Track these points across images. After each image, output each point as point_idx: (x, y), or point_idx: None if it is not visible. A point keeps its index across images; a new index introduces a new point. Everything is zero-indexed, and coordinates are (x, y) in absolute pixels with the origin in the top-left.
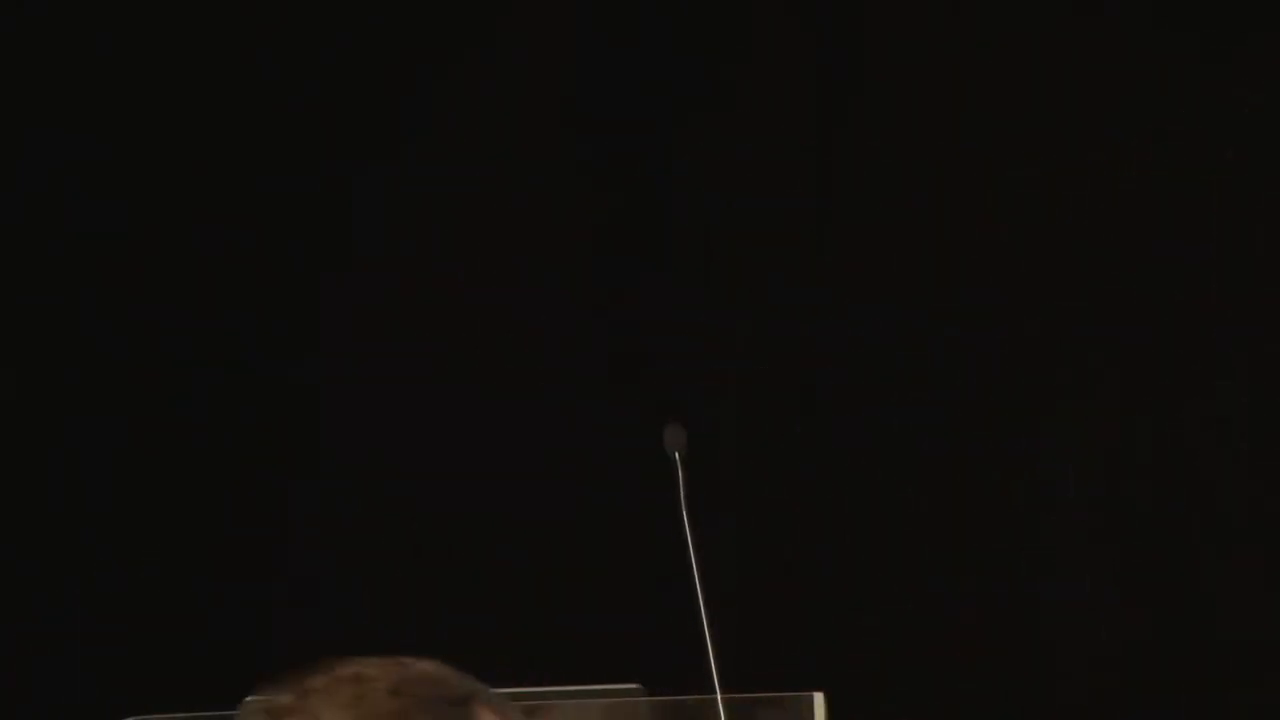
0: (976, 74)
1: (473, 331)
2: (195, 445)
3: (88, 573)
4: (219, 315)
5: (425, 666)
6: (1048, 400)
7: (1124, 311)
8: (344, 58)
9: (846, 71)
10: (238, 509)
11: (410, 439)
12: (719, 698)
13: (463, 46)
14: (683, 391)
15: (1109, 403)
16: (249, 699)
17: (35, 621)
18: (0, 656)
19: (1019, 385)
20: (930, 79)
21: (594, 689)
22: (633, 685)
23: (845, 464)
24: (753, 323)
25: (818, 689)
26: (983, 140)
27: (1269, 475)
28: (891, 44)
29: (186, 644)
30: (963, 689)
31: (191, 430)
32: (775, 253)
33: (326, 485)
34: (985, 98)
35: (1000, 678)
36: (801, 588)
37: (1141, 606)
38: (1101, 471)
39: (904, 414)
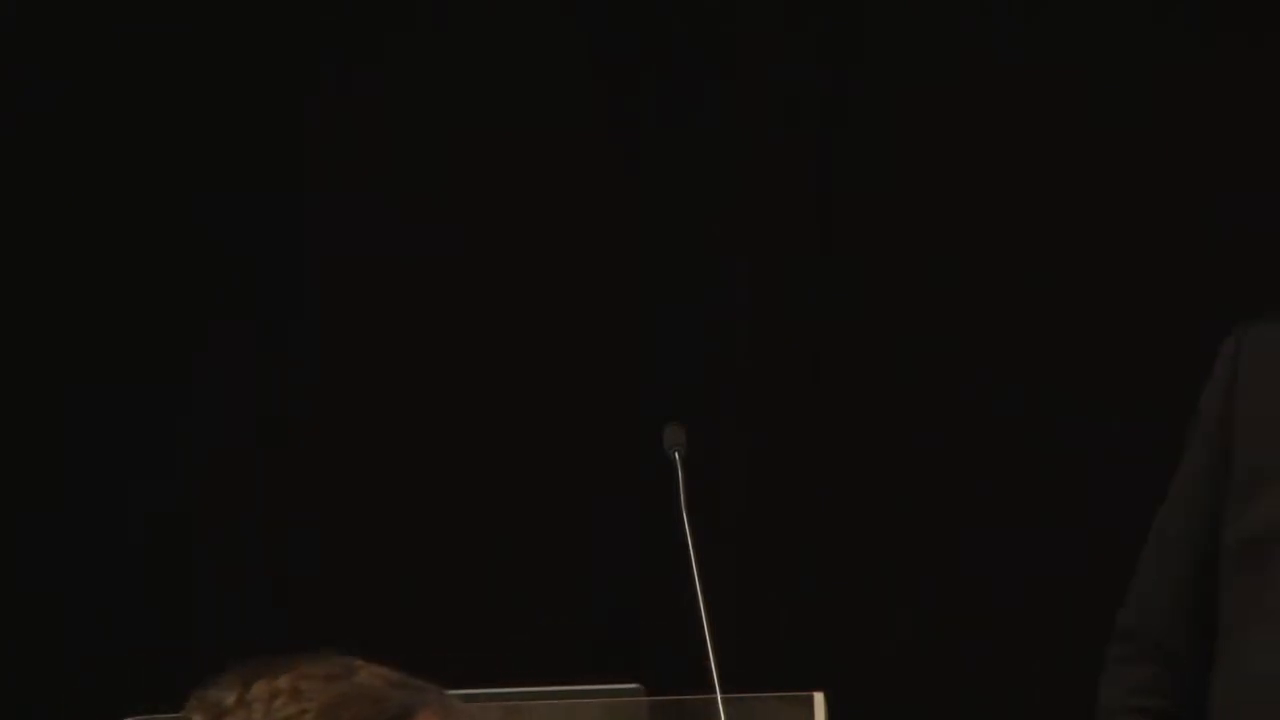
0: (975, 71)
1: (472, 328)
2: (194, 442)
3: (88, 572)
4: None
5: (367, 678)
6: (1049, 400)
7: (1128, 312)
8: None
9: (847, 69)
10: (236, 506)
11: (409, 438)
12: (719, 698)
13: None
14: (683, 391)
15: (1111, 404)
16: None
17: (35, 621)
18: (1, 656)
19: (1020, 385)
20: (928, 77)
21: (594, 689)
22: (633, 685)
23: (846, 464)
24: (753, 322)
25: (818, 689)
26: (987, 137)
27: None
28: (889, 46)
29: (186, 644)
30: (963, 689)
31: (189, 427)
32: (776, 252)
33: (324, 484)
34: (984, 95)
35: (1001, 678)
36: (801, 588)
37: None
38: (1104, 473)
39: (904, 413)
